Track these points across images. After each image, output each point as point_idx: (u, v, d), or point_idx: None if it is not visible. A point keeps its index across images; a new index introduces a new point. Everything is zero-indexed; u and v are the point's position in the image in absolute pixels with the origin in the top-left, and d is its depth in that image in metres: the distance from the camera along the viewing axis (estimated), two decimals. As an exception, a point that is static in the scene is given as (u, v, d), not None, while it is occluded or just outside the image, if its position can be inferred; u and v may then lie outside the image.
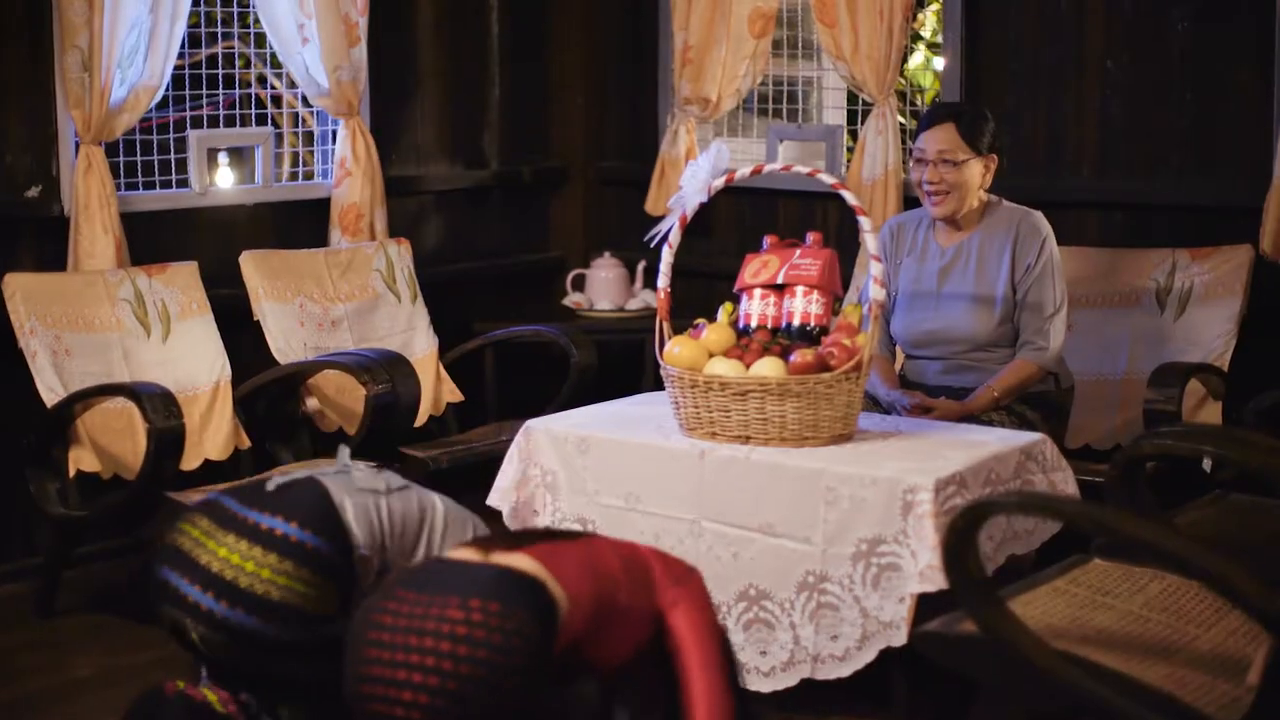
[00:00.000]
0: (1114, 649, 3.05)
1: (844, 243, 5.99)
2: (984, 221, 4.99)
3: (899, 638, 3.96)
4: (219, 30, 6.23)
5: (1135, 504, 3.65)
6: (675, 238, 4.45)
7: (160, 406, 4.92)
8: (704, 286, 6.09)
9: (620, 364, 6.39)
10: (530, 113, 7.08)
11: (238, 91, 6.28)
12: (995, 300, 4.91)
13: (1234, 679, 2.90)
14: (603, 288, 6.80)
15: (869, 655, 4.03)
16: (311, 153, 6.46)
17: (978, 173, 4.92)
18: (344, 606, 3.32)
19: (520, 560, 3.03)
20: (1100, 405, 5.47)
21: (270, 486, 3.44)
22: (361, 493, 3.45)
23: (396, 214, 6.41)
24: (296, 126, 6.50)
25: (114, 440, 5.26)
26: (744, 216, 6.75)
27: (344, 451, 3.65)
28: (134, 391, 5.03)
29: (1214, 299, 5.41)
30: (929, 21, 7.57)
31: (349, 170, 6.16)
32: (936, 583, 3.84)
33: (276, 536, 3.31)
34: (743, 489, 4.18)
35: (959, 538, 2.90)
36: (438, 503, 3.58)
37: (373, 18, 6.17)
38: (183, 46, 5.78)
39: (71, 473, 5.18)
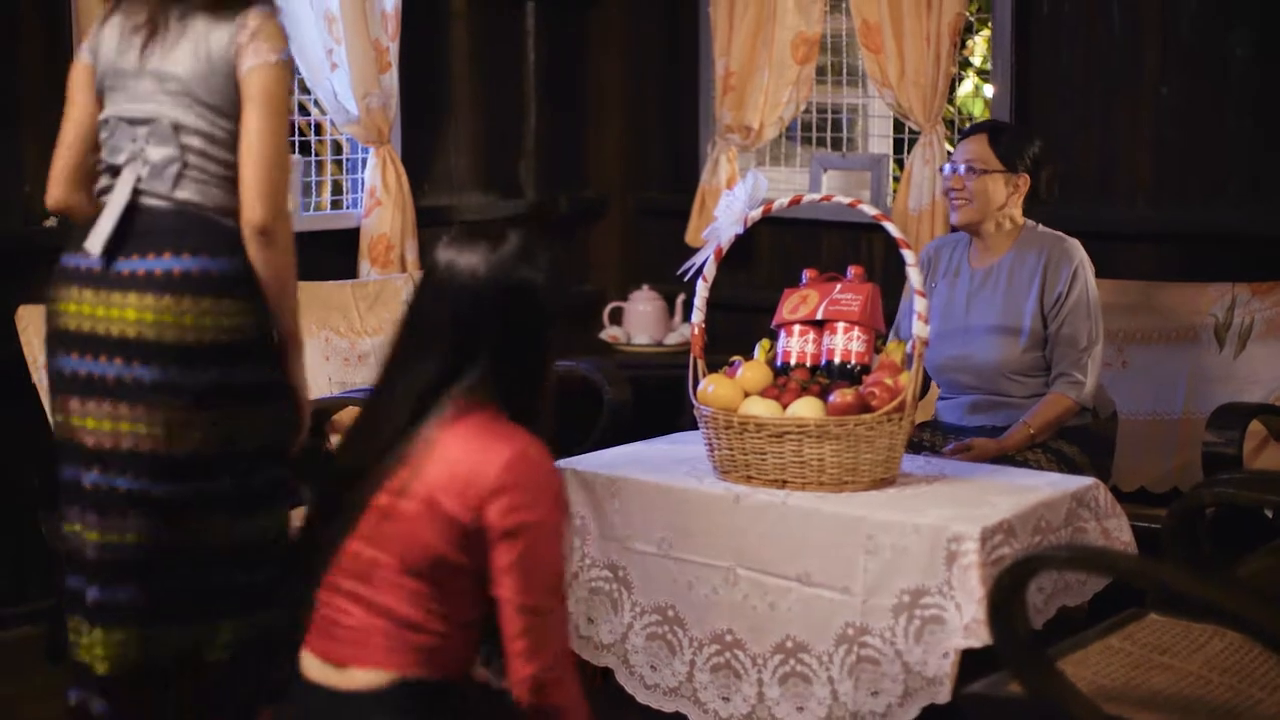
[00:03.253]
0: (1171, 713, 2.92)
1: (889, 276, 5.83)
2: (1016, 245, 4.84)
3: (943, 695, 3.77)
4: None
5: (1194, 555, 3.52)
6: (710, 271, 4.29)
7: (175, 444, 4.77)
8: (745, 320, 5.93)
9: (658, 400, 6.25)
10: (567, 141, 6.97)
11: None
12: (1022, 327, 4.75)
13: (1302, 749, 2.75)
14: (641, 321, 6.67)
15: (911, 713, 3.83)
16: (341, 182, 6.34)
17: (1002, 188, 4.78)
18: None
19: None
20: (1156, 446, 5.30)
21: (106, 227, 3.22)
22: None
23: (429, 245, 6.26)
24: (338, 154, 6.36)
25: (129, 478, 5.11)
26: (786, 248, 6.60)
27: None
28: (149, 428, 4.88)
29: (1276, 336, 5.23)
30: (979, 48, 7.45)
31: (379, 200, 6.03)
32: (982, 638, 3.65)
33: (176, 277, 3.09)
34: (779, 535, 4.00)
35: (1005, 595, 2.76)
36: None
37: (404, 43, 6.05)
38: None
39: (86, 512, 5.04)
